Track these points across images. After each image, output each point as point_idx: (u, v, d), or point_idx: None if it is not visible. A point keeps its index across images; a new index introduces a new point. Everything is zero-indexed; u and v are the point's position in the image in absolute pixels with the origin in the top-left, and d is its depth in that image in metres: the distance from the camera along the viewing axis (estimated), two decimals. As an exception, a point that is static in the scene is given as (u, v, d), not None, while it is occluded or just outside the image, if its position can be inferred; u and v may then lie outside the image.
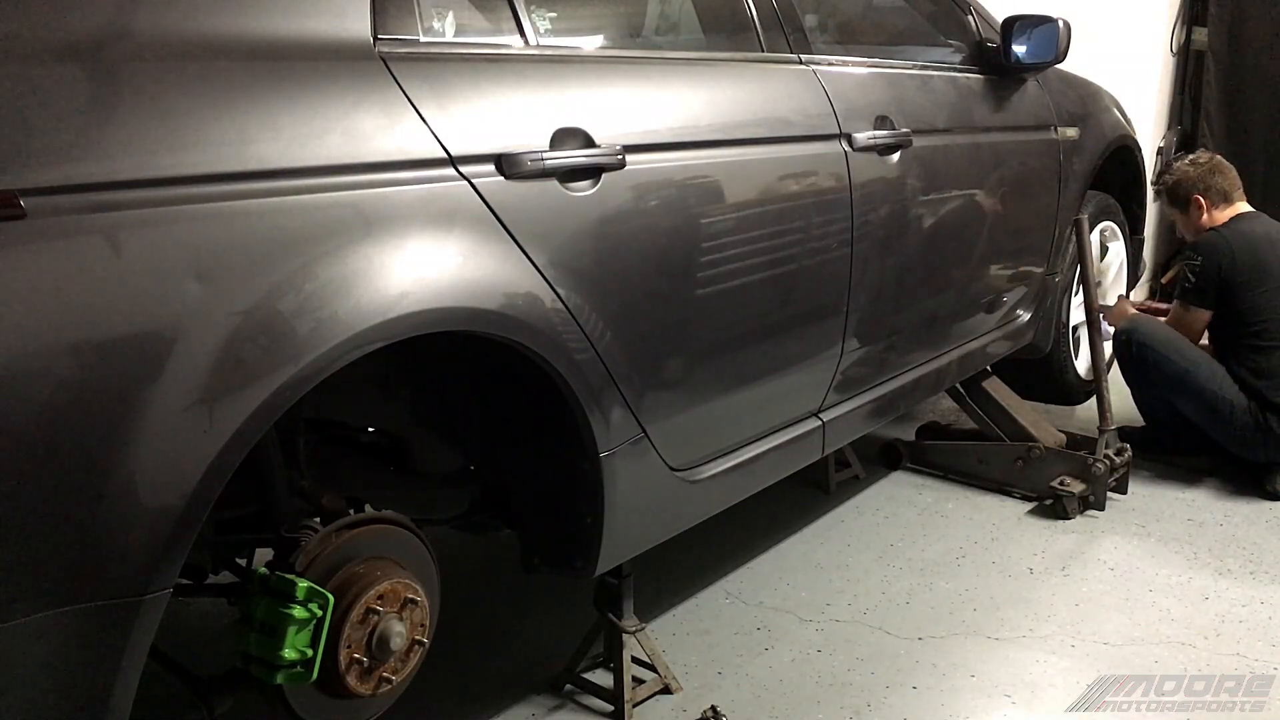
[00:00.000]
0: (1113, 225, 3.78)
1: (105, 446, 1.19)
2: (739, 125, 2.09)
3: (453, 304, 1.53)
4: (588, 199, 1.73)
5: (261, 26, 1.39)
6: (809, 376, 2.36)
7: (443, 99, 1.56)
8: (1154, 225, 5.02)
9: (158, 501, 1.23)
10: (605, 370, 1.78)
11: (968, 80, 2.92)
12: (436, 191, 1.53)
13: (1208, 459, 3.36)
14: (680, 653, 2.33)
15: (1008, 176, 3.00)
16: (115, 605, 1.22)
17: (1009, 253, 3.10)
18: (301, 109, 1.39)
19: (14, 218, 1.10)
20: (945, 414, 3.79)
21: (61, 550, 1.18)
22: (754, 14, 2.26)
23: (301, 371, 1.34)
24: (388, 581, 1.57)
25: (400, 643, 1.59)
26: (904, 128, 2.49)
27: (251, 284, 1.30)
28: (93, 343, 1.17)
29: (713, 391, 2.09)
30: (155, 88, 1.26)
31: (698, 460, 2.10)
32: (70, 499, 1.17)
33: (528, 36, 1.76)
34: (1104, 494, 3.07)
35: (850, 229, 2.31)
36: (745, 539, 2.86)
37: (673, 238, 1.90)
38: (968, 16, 3.02)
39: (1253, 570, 2.75)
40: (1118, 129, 3.63)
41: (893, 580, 2.69)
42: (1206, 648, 2.39)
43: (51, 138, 1.16)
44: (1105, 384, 3.20)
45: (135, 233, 1.20)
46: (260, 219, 1.32)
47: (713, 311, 2.02)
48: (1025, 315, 3.29)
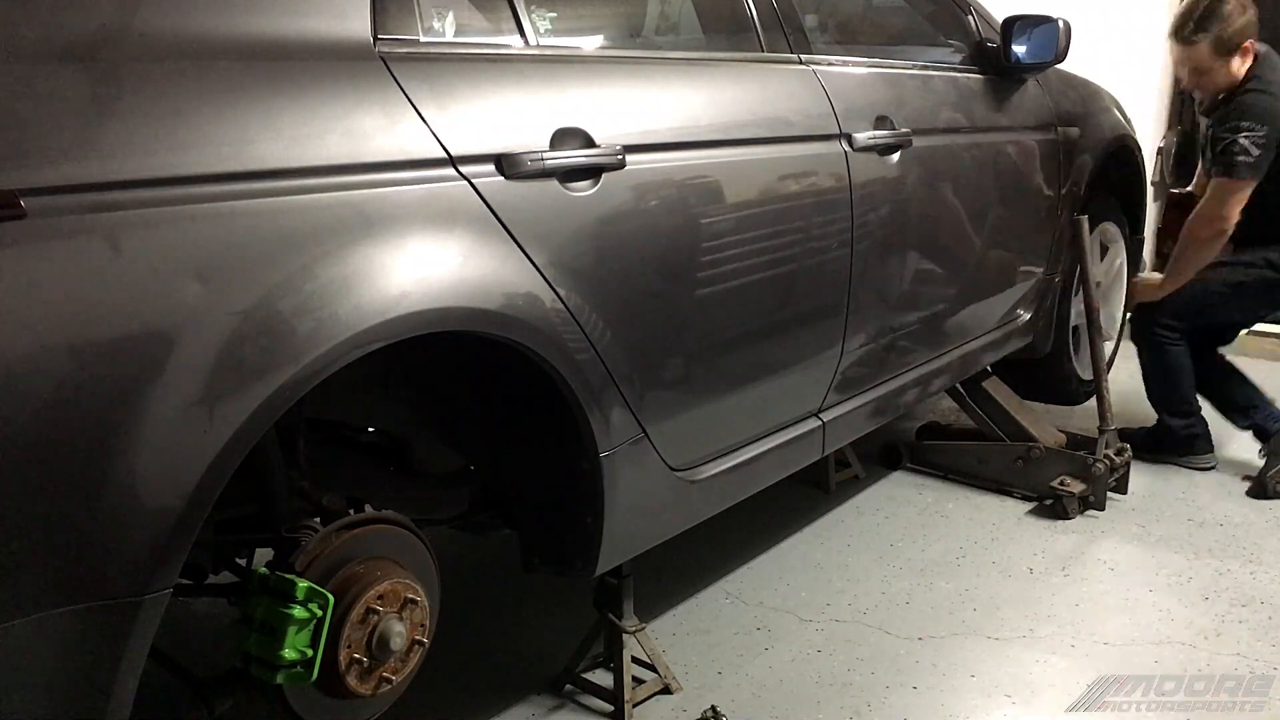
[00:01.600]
0: (1113, 225, 3.78)
1: (105, 447, 1.19)
2: (739, 125, 2.09)
3: (453, 304, 1.53)
4: (588, 199, 1.73)
5: (261, 26, 1.39)
6: (809, 376, 2.36)
7: (443, 99, 1.56)
8: (1154, 225, 5.02)
9: (157, 501, 1.23)
10: (605, 370, 1.78)
11: (968, 80, 2.92)
12: (436, 191, 1.53)
13: (1209, 459, 3.36)
14: (680, 653, 2.33)
15: (1008, 177, 3.01)
16: (115, 605, 1.22)
17: (1009, 253, 3.10)
18: (301, 109, 1.39)
19: (14, 218, 1.10)
20: (945, 414, 3.79)
21: (61, 550, 1.18)
22: (754, 14, 2.26)
23: (301, 371, 1.34)
24: (388, 581, 1.57)
25: (400, 643, 1.59)
26: (904, 128, 2.49)
27: (251, 284, 1.30)
28: (93, 343, 1.17)
29: (713, 391, 2.09)
30: (155, 88, 1.26)
31: (698, 460, 2.10)
32: (70, 499, 1.17)
33: (528, 36, 1.77)
34: (1104, 494, 3.07)
35: (850, 229, 2.31)
36: (745, 539, 2.87)
37: (673, 238, 1.90)
38: (968, 16, 3.02)
39: (1253, 570, 2.75)
40: (1118, 129, 3.62)
41: (893, 580, 2.69)
42: (1206, 648, 2.39)
43: (51, 138, 1.16)
44: (1105, 384, 3.20)
45: (135, 233, 1.20)
46: (260, 219, 1.32)
47: (713, 311, 2.02)
48: (1025, 315, 3.29)
